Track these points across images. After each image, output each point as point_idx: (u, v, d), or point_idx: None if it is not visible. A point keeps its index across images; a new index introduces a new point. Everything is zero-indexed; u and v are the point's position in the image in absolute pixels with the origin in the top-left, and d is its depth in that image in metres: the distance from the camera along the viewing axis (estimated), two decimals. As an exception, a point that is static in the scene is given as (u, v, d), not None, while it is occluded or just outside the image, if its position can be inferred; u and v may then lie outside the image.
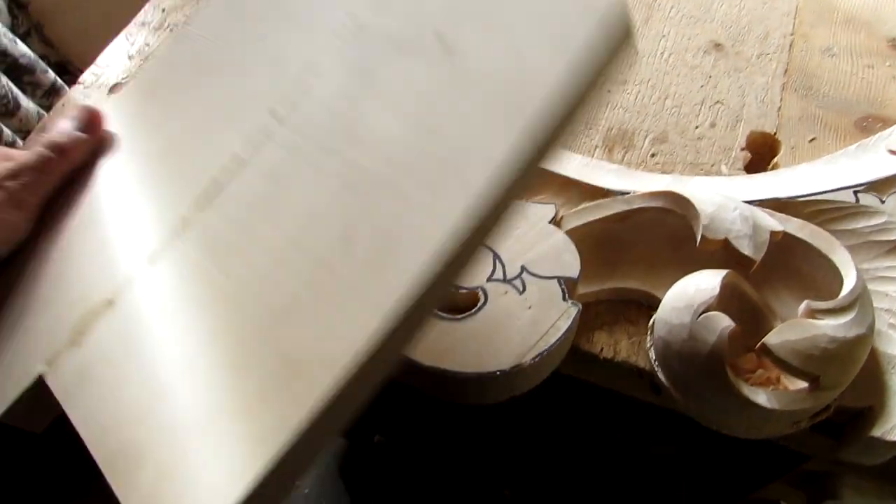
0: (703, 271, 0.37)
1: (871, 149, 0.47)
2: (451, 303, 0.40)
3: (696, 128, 0.52)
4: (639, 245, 0.43)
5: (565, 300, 0.38)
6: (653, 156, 0.51)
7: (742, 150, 0.51)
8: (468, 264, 0.26)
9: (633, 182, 0.45)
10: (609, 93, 0.55)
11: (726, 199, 0.40)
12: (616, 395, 0.57)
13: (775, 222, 0.39)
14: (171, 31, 0.62)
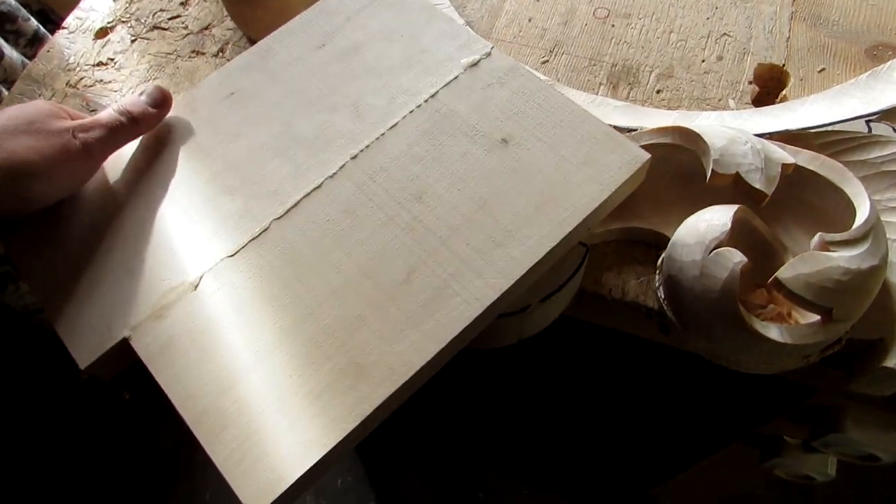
0: (714, 207, 0.37)
1: (882, 77, 0.45)
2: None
3: (703, 62, 0.51)
4: (646, 183, 0.42)
5: (573, 241, 0.38)
6: (658, 92, 0.49)
7: (750, 83, 0.49)
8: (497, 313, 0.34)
9: (640, 119, 0.43)
10: (613, 27, 0.53)
11: (736, 132, 0.38)
12: (620, 337, 0.57)
13: (787, 155, 0.38)
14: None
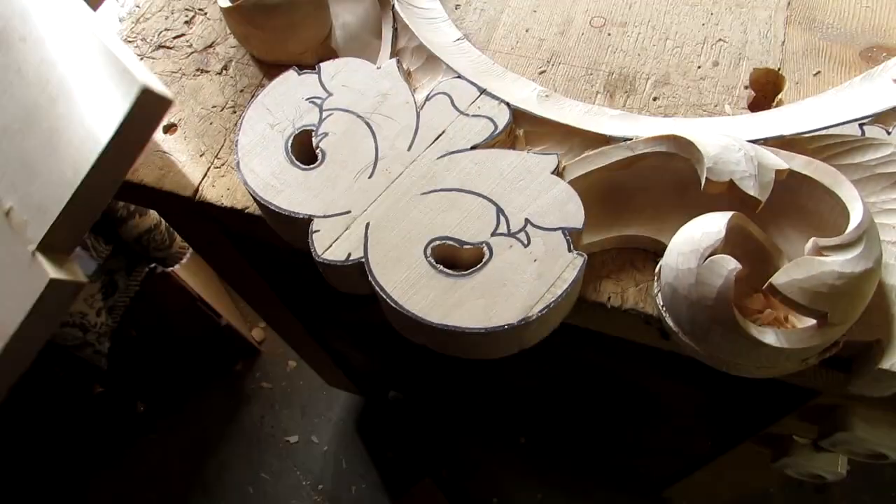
0: (709, 214, 0.37)
1: (876, 80, 0.46)
2: (456, 259, 0.40)
3: (699, 68, 0.51)
4: (643, 191, 0.43)
5: (570, 251, 0.38)
6: (655, 99, 0.50)
7: (745, 88, 0.50)
8: None
9: (635, 127, 0.44)
10: (609, 36, 0.53)
11: (730, 139, 0.39)
12: (628, 351, 0.57)
13: (780, 160, 0.38)
14: None
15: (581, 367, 0.71)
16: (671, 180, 0.42)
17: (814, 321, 0.35)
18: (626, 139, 0.42)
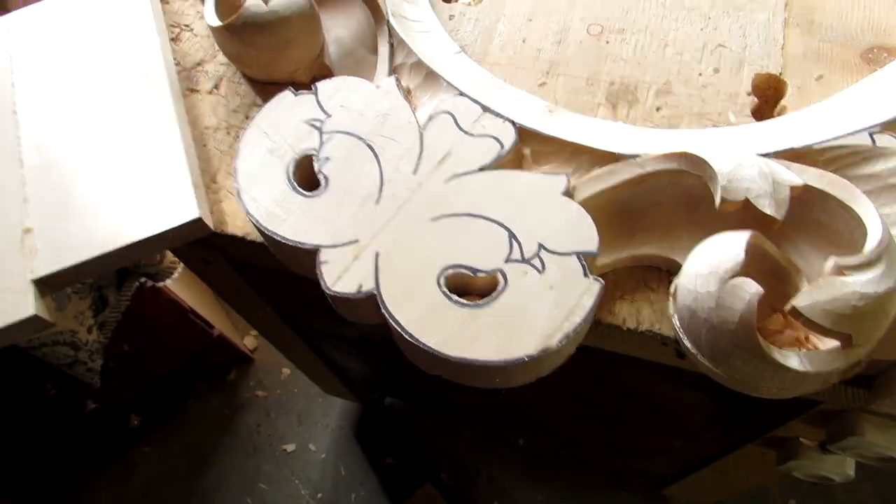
0: (725, 234, 0.36)
1: (880, 84, 0.45)
2: (469, 287, 0.39)
3: (700, 75, 0.50)
4: (654, 208, 0.42)
5: (587, 276, 0.38)
6: (658, 109, 0.49)
7: (748, 94, 0.49)
8: None
9: (643, 142, 0.43)
10: (608, 44, 0.53)
11: (742, 155, 0.38)
12: (634, 361, 0.57)
13: (794, 175, 0.38)
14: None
15: (584, 374, 0.71)
16: (682, 196, 0.41)
17: (837, 342, 0.34)
18: (634, 156, 0.42)
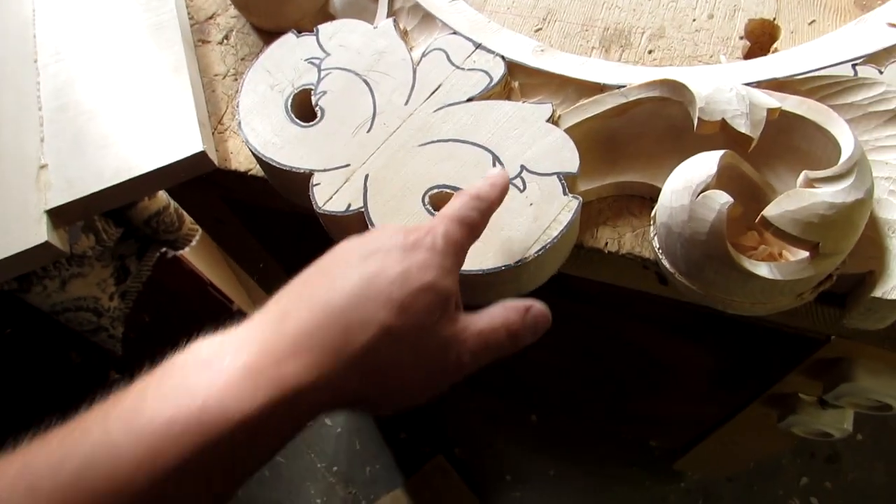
0: (702, 154, 0.38)
1: (869, 23, 0.46)
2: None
3: (693, 21, 0.51)
4: (638, 138, 0.43)
5: (566, 194, 0.39)
6: (650, 52, 0.50)
7: (741, 38, 0.50)
8: None
9: (630, 76, 0.44)
10: (602, -7, 0.54)
11: (722, 80, 0.39)
12: (630, 306, 0.58)
13: (772, 99, 0.39)
14: None
15: (589, 331, 0.72)
16: (665, 126, 0.43)
17: (806, 253, 0.35)
18: (620, 87, 0.43)
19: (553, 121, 0.42)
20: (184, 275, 1.21)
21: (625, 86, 0.43)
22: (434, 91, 0.44)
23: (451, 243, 0.32)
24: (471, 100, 0.43)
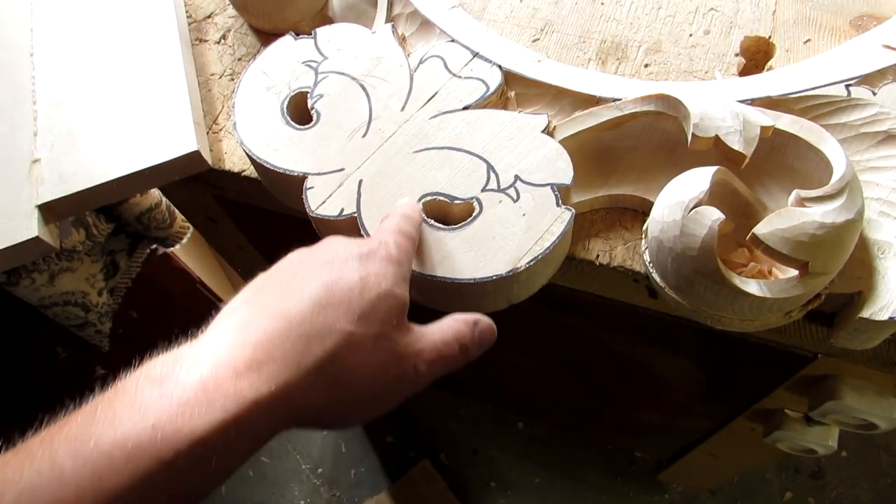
0: (695, 169, 0.38)
1: (864, 44, 0.46)
2: (447, 215, 0.41)
3: (690, 36, 0.52)
4: (632, 152, 0.44)
5: (559, 206, 0.39)
6: (646, 66, 0.50)
7: (736, 55, 0.50)
8: None
9: (626, 90, 0.44)
10: (602, 5, 0.54)
11: (716, 97, 0.40)
12: (618, 318, 0.58)
13: (766, 117, 0.39)
14: None
15: (576, 341, 0.72)
16: (659, 140, 0.43)
17: (796, 272, 0.35)
18: (615, 100, 0.43)
19: (548, 132, 0.42)
20: (174, 272, 1.20)
21: (620, 99, 0.43)
22: (430, 98, 0.44)
23: (403, 252, 0.33)
24: (467, 108, 0.43)
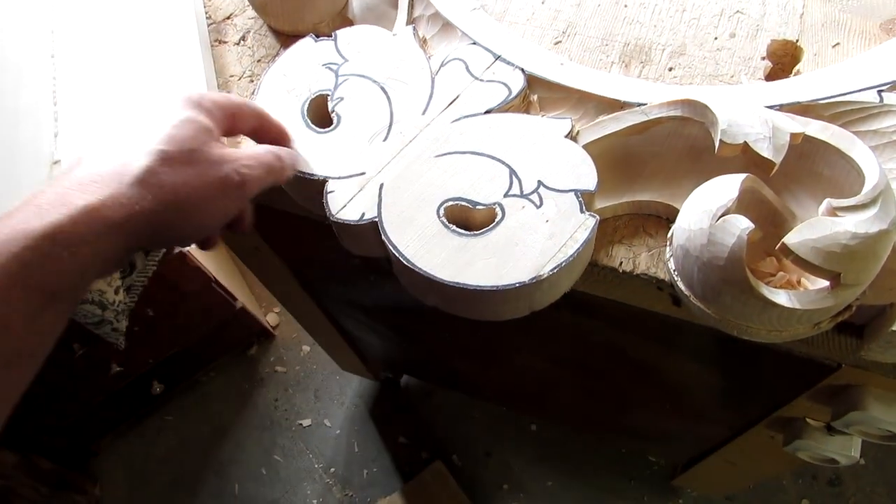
0: (723, 176, 0.37)
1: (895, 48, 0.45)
2: (469, 220, 0.40)
3: (715, 39, 0.51)
4: (657, 157, 0.43)
5: (583, 212, 0.38)
6: (670, 70, 0.50)
7: (763, 59, 0.49)
8: None
9: (650, 94, 0.44)
10: (626, 7, 0.53)
11: (745, 103, 0.39)
12: (638, 323, 0.57)
13: (795, 124, 0.38)
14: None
15: (594, 345, 0.71)
16: (685, 146, 0.42)
17: (826, 283, 0.34)
18: (640, 104, 0.42)
19: (572, 136, 0.42)
20: (189, 271, 1.21)
21: (645, 103, 0.42)
22: (452, 101, 0.44)
23: (218, 101, 0.38)
24: (489, 112, 0.43)
